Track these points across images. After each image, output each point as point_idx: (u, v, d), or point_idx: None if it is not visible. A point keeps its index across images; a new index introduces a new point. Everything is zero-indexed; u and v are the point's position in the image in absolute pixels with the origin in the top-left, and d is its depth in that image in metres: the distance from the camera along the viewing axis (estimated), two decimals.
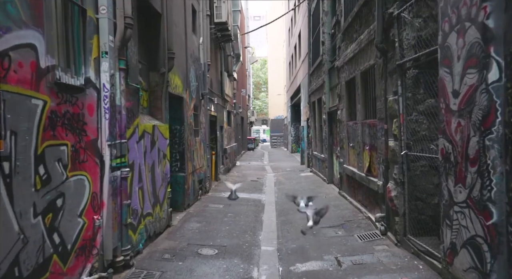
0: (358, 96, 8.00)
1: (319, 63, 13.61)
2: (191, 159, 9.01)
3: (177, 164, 8.33)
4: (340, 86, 9.85)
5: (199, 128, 10.13)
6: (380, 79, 6.34)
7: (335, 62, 10.45)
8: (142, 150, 5.61)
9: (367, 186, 7.26)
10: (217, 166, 13.63)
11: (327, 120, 12.43)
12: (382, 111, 6.24)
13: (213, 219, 7.78)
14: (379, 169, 6.53)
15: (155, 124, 6.31)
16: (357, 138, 8.23)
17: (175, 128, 8.30)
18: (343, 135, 9.69)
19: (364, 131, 7.63)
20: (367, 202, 7.47)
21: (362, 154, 7.81)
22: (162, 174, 6.61)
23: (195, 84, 9.77)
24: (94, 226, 4.19)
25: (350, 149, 9.06)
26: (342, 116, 9.73)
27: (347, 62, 8.86)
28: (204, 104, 10.95)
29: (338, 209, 8.43)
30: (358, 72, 7.88)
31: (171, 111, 7.99)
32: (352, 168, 8.75)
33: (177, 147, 8.32)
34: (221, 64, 14.96)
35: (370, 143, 7.22)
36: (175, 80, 7.70)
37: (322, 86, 13.01)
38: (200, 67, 10.32)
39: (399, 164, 5.43)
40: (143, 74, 6.40)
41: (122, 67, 4.78)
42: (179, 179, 8.29)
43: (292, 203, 9.89)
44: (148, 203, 5.83)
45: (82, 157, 4.01)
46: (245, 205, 9.38)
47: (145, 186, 5.71)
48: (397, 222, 5.53)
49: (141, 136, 5.61)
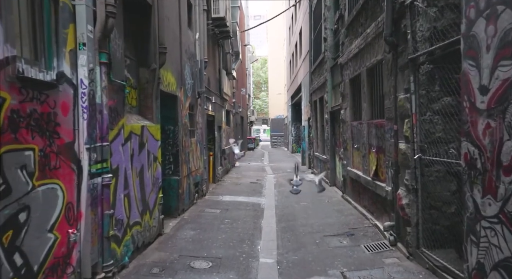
0: (363, 94, 7.50)
1: (321, 60, 13.11)
2: (186, 161, 8.51)
3: (170, 167, 7.82)
4: (344, 84, 9.34)
5: (195, 129, 9.63)
6: (389, 76, 5.83)
7: (338, 59, 9.94)
8: (128, 153, 5.11)
9: (374, 191, 6.75)
10: (215, 167, 13.13)
11: (329, 120, 11.93)
12: (391, 110, 5.74)
13: (209, 226, 7.28)
14: (388, 174, 6.02)
15: (145, 125, 5.81)
16: (362, 139, 7.73)
17: (168, 129, 7.80)
18: (347, 135, 9.18)
19: (371, 132, 7.12)
20: (373, 208, 6.97)
21: (368, 156, 7.30)
22: (152, 179, 6.10)
23: (191, 82, 9.27)
24: (69, 241, 3.69)
25: (355, 151, 8.55)
26: (346, 115, 9.23)
27: (351, 58, 8.35)
28: (201, 103, 10.45)
29: (342, 214, 7.92)
30: (363, 68, 7.38)
31: (163, 110, 7.48)
32: (356, 171, 8.24)
33: (171, 149, 7.81)
34: (220, 62, 14.45)
35: (377, 145, 6.72)
36: (168, 77, 7.19)
37: (324, 85, 12.50)
38: (196, 64, 9.81)
39: (411, 169, 4.92)
40: (131, 71, 5.90)
41: (104, 61, 4.27)
42: (172, 183, 7.78)
43: (293, 207, 9.40)
44: (135, 211, 5.33)
45: (54, 163, 3.51)
46: (243, 210, 8.88)
47: (132, 192, 5.20)
48: (409, 232, 5.02)
49: (128, 138, 5.11)
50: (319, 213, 8.24)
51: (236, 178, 15.04)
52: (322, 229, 6.91)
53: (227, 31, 13.04)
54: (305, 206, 9.19)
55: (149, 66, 6.23)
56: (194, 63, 9.72)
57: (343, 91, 9.47)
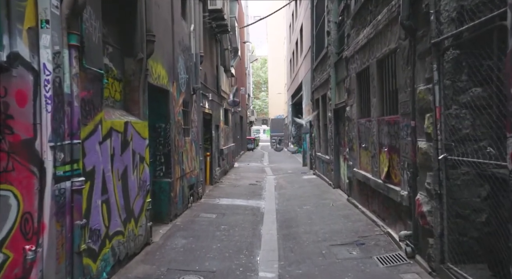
0: (373, 88, 6.83)
1: (323, 56, 12.45)
2: (179, 162, 7.84)
3: (161, 168, 7.16)
4: (350, 79, 8.68)
5: (189, 127, 8.96)
6: (404, 66, 5.17)
7: (343, 53, 9.28)
8: (108, 153, 4.45)
9: (386, 195, 6.08)
10: (212, 168, 12.46)
11: (333, 118, 11.26)
12: (407, 104, 5.08)
13: (203, 233, 6.61)
14: (403, 176, 5.36)
15: (129, 121, 5.15)
16: (371, 138, 7.06)
17: (159, 126, 7.13)
18: (353, 134, 8.52)
19: (381, 129, 6.46)
20: (385, 214, 6.30)
21: (378, 157, 6.64)
22: (138, 182, 5.44)
23: (185, 76, 8.61)
24: (26, 260, 3.02)
25: (362, 151, 7.89)
26: (352, 113, 8.56)
27: (358, 50, 7.69)
28: (197, 100, 9.79)
29: (349, 220, 7.25)
30: (373, 60, 6.72)
31: (153, 106, 6.83)
32: (364, 173, 7.58)
33: (162, 149, 7.15)
34: (217, 57, 13.80)
35: (390, 144, 6.05)
36: (158, 69, 6.53)
37: (327, 81, 11.84)
38: (191, 58, 9.15)
39: (434, 171, 4.25)
40: (115, 60, 5.24)
41: (74, 43, 3.60)
42: (163, 186, 7.12)
43: (295, 211, 8.70)
44: (117, 220, 4.66)
45: (4, 165, 2.85)
46: (242, 215, 8.22)
47: (112, 198, 4.53)
48: (431, 245, 4.35)
49: (107, 135, 4.44)
50: (324, 219, 7.57)
51: (234, 179, 14.38)
52: (328, 237, 6.25)
53: (225, 25, 12.39)
54: (308, 210, 8.52)
55: (136, 56, 5.57)
56: (189, 56, 9.06)
57: (348, 87, 8.81)
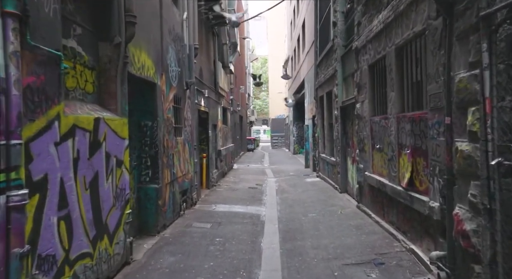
0: (390, 81, 5.93)
1: (329, 50, 11.55)
2: (169, 165, 6.94)
3: (147, 172, 6.26)
4: (360, 73, 7.78)
5: (182, 126, 8.06)
6: (435, 50, 4.27)
7: (352, 44, 8.38)
8: (69, 157, 3.54)
9: (408, 205, 5.18)
10: (209, 171, 11.56)
11: (339, 117, 10.36)
12: (439, 97, 4.18)
13: (194, 248, 5.71)
14: (432, 184, 4.45)
15: (101, 117, 4.24)
16: (387, 138, 6.16)
17: (144, 125, 6.23)
18: (364, 134, 7.62)
19: (402, 128, 5.55)
20: (407, 227, 5.39)
21: (397, 159, 5.73)
22: (114, 190, 4.54)
23: (177, 69, 7.71)
24: None
25: (376, 153, 6.99)
26: (363, 110, 7.66)
27: (372, 39, 6.80)
28: (191, 96, 8.89)
29: (362, 232, 6.34)
30: (391, 48, 5.82)
31: (138, 101, 5.94)
32: (378, 178, 6.67)
33: (148, 150, 6.25)
34: (215, 52, 12.90)
35: (413, 144, 5.15)
36: (142, 58, 5.64)
37: (333, 77, 10.94)
38: (183, 49, 8.25)
39: (482, 180, 3.35)
40: (86, 44, 4.34)
41: (11, 10, 2.70)
42: (150, 193, 6.22)
43: (299, 219, 7.78)
44: (82, 239, 3.76)
45: None
46: (240, 224, 7.31)
47: (75, 213, 3.63)
48: (477, 273, 3.45)
49: (68, 134, 3.54)
50: (333, 230, 6.66)
51: (233, 182, 13.48)
52: (340, 254, 5.35)
53: (222, 16, 11.49)
54: (314, 218, 7.62)
55: (112, 40, 4.66)
56: (182, 47, 8.16)
57: (359, 81, 7.91)
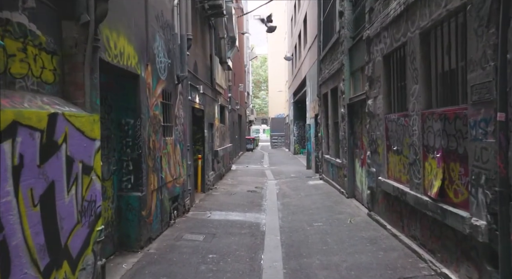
0: (413, 72, 5.06)
1: (334, 43, 10.69)
2: (156, 169, 6.07)
3: (129, 178, 5.39)
4: (373, 65, 6.92)
5: (172, 124, 7.19)
6: (482, 29, 3.41)
7: (363, 33, 7.51)
8: (4, 165, 2.67)
9: (438, 220, 4.32)
10: (205, 173, 10.69)
11: (346, 115, 9.50)
12: (487, 87, 3.32)
13: (183, 269, 4.84)
14: (475, 196, 3.59)
15: (60, 113, 3.37)
16: (408, 139, 5.30)
17: (126, 123, 5.36)
18: (378, 134, 6.76)
19: (429, 127, 4.68)
20: (436, 245, 4.52)
21: (421, 164, 4.87)
22: (80, 204, 3.66)
23: (166, 60, 6.84)
24: None
25: (392, 155, 6.13)
26: (376, 107, 6.80)
27: (388, 25, 5.94)
28: (183, 92, 8.02)
29: (379, 247, 5.48)
30: (414, 33, 4.96)
31: (117, 95, 5.09)
32: (396, 184, 5.82)
33: (130, 152, 5.38)
34: (211, 46, 12.02)
35: (446, 147, 4.28)
36: (121, 44, 4.76)
37: (339, 72, 10.07)
38: (174, 39, 7.38)
39: None
40: (42, 22, 3.46)
41: None
42: (132, 202, 5.34)
43: (304, 230, 6.86)
44: (27, 272, 2.88)
45: None
46: (237, 235, 6.44)
47: (14, 238, 2.75)
48: None
49: (6, 133, 2.67)
50: (343, 243, 5.81)
51: (231, 185, 12.62)
52: (355, 277, 4.49)
53: (219, 6, 10.60)
54: (321, 229, 6.75)
55: (79, 19, 3.80)
56: (172, 37, 7.29)
57: (371, 75, 7.04)
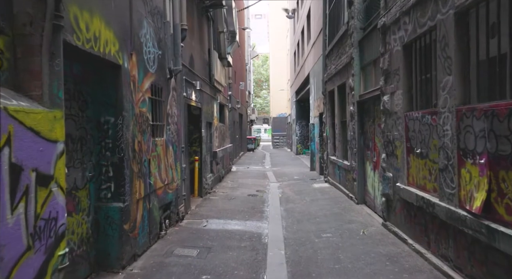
0: (445, 61, 4.26)
1: (342, 36, 9.89)
2: (143, 175, 5.28)
3: (108, 186, 4.59)
4: (390, 56, 6.12)
5: (163, 123, 6.41)
6: None
7: (378, 21, 6.70)
8: None
9: (483, 241, 3.52)
10: (202, 176, 9.90)
11: (356, 113, 8.70)
12: None
13: None
14: None
15: (3, 107, 2.59)
16: (440, 140, 4.50)
17: (105, 121, 4.57)
18: (396, 134, 5.96)
19: (467, 126, 3.88)
20: (480, 272, 3.71)
21: (456, 171, 4.07)
22: (30, 225, 2.88)
23: (156, 51, 6.05)
24: None
25: (414, 159, 5.33)
26: (394, 103, 6.01)
27: (410, 9, 5.14)
28: (177, 88, 7.23)
29: (401, 268, 4.67)
30: (446, 14, 4.15)
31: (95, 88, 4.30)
32: (419, 192, 5.02)
33: (110, 156, 4.58)
34: (210, 40, 11.22)
35: (495, 151, 3.46)
36: (96, 26, 3.97)
37: (347, 66, 9.28)
38: (166, 28, 6.59)
39: None
40: None
41: None
42: (112, 214, 4.55)
43: (312, 243, 5.99)
44: None
45: None
46: (235, 249, 5.65)
47: None
48: None
49: None
50: (358, 261, 5.00)
51: (230, 188, 11.83)
52: None
53: None
54: (331, 241, 5.95)
55: None
56: (163, 25, 6.50)
57: (387, 67, 6.25)
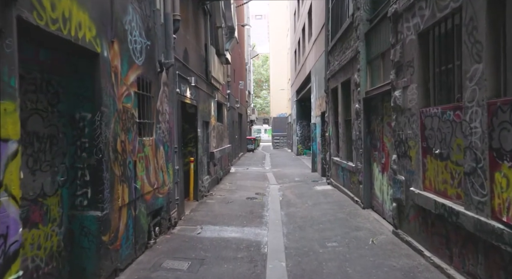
0: (473, 46, 3.68)
1: (346, 29, 9.31)
2: (128, 178, 4.69)
3: (85, 192, 4.00)
4: (402, 47, 5.54)
5: (153, 121, 5.82)
6: None
7: (388, 9, 6.13)
8: None
9: None
10: (198, 178, 9.31)
11: (362, 111, 8.12)
12: None
13: None
14: None
15: None
16: (466, 139, 3.92)
17: (81, 118, 3.99)
18: (409, 133, 5.38)
19: (503, 122, 3.28)
20: None
21: (488, 175, 3.48)
22: None
23: (144, 41, 5.47)
24: None
25: (432, 161, 4.75)
26: (407, 99, 5.43)
27: None
28: (169, 83, 6.65)
29: None
30: None
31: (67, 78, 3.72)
32: (439, 199, 4.44)
33: (86, 158, 4.00)
34: (206, 34, 10.65)
35: None
36: (64, 5, 3.38)
37: (352, 61, 8.70)
38: (156, 17, 6.01)
39: None
40: None
41: None
42: (88, 225, 3.96)
43: (316, 254, 5.41)
44: None
45: None
46: (231, 262, 5.06)
47: None
48: None
49: None
50: (369, 276, 4.41)
51: (228, 190, 11.24)
52: None
53: None
54: (337, 252, 5.36)
55: None
56: (153, 14, 5.92)
57: (399, 59, 5.66)
